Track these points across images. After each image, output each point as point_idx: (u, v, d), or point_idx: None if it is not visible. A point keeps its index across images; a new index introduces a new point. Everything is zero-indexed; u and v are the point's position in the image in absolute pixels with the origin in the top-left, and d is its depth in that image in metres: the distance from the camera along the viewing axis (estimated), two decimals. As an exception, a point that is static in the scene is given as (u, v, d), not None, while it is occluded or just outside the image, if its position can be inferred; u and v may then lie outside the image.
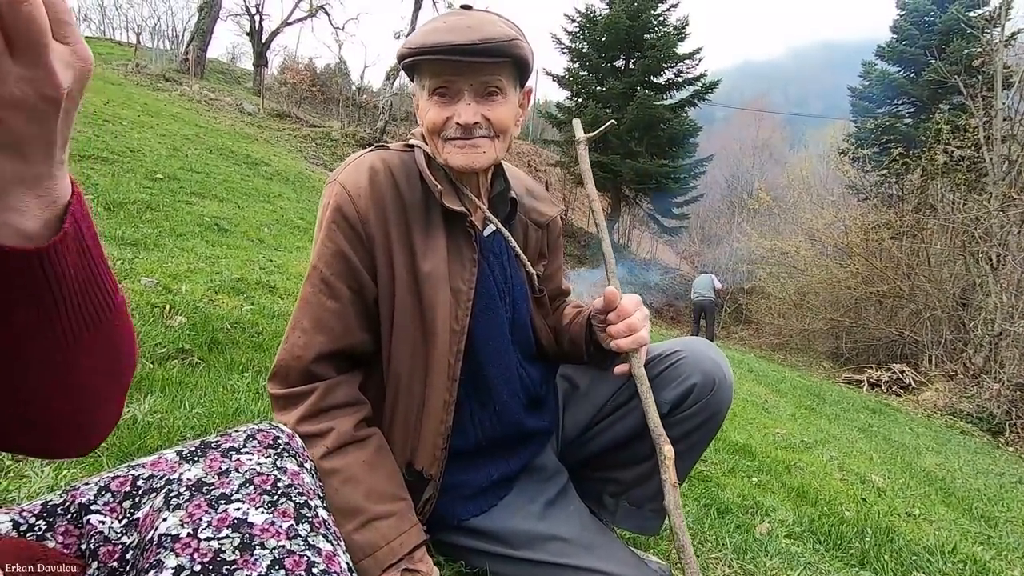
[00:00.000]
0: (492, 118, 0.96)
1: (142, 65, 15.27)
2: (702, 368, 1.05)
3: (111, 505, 0.63)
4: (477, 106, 0.95)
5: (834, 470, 2.93)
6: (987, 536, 2.47)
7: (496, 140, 0.98)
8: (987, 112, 10.53)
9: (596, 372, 1.17)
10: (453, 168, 0.98)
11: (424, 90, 0.97)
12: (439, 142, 0.98)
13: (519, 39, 0.94)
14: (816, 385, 7.89)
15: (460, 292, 1.00)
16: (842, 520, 2.06)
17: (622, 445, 1.13)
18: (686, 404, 1.05)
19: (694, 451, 1.13)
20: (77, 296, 0.42)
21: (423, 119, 0.99)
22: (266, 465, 0.72)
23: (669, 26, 18.73)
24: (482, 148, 0.96)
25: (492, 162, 1.00)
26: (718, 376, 1.05)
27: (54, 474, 1.06)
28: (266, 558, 0.56)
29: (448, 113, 0.95)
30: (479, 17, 0.94)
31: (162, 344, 1.94)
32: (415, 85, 1.01)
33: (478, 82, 0.94)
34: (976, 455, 5.39)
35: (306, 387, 0.94)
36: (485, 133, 0.96)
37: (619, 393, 1.13)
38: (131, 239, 3.24)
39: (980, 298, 9.92)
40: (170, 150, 7.22)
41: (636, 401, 1.08)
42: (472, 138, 0.95)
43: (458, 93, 0.94)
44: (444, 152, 0.97)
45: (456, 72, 0.93)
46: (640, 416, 1.05)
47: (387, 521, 0.89)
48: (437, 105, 0.95)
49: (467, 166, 0.97)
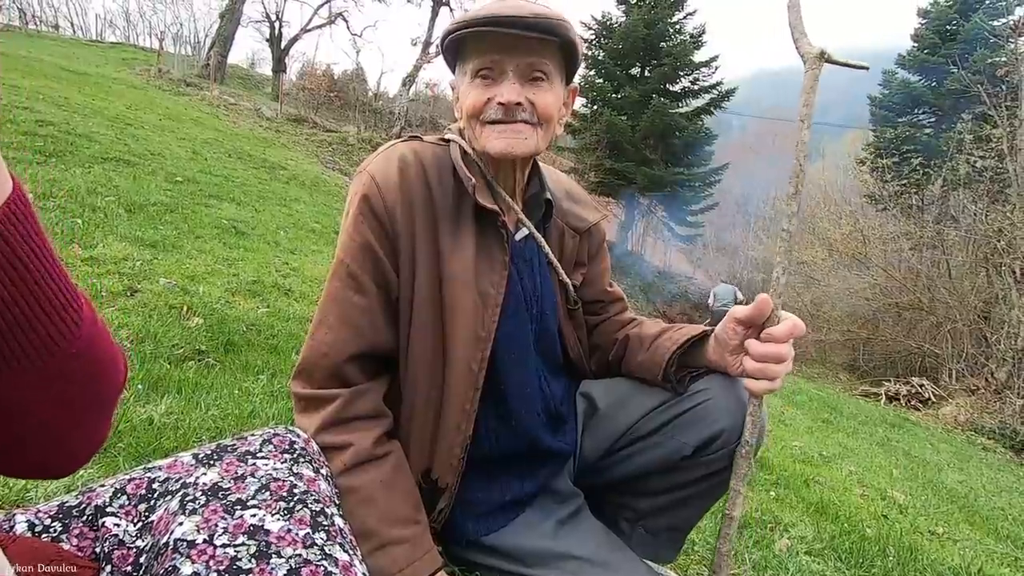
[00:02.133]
0: (536, 102, 0.92)
1: (164, 70, 15.56)
2: (731, 411, 0.98)
3: (126, 508, 0.62)
4: (522, 88, 0.91)
5: (854, 485, 2.86)
6: (1015, 557, 2.39)
7: (538, 128, 0.94)
8: (1011, 122, 10.34)
9: (619, 397, 1.10)
10: (490, 154, 0.94)
11: (467, 75, 0.94)
12: (477, 126, 0.94)
13: (567, 23, 0.92)
14: (833, 398, 7.75)
15: (488, 296, 0.95)
16: (863, 537, 2.00)
17: (642, 477, 1.07)
18: (712, 448, 0.98)
19: (713, 492, 1.06)
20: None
21: (463, 102, 0.95)
22: (282, 471, 0.71)
23: (685, 34, 18.70)
24: (523, 134, 0.92)
25: (532, 151, 0.95)
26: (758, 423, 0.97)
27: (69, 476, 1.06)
28: (282, 567, 0.55)
29: (490, 94, 0.91)
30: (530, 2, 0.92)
31: (179, 345, 1.95)
32: (456, 75, 0.98)
33: (524, 63, 0.91)
34: (999, 472, 5.25)
35: (331, 391, 0.90)
36: (527, 117, 0.92)
37: (640, 424, 1.05)
38: (151, 240, 3.27)
39: (1003, 311, 9.70)
40: (190, 153, 7.33)
41: (656, 437, 1.03)
42: (513, 121, 0.92)
43: (502, 74, 0.91)
44: (482, 137, 0.93)
45: (502, 50, 0.90)
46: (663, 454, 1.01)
47: (401, 547, 0.86)
48: (479, 87, 0.92)
49: (506, 151, 0.92)
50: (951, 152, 11.67)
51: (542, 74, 0.92)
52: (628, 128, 17.70)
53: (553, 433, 1.08)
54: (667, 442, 1.02)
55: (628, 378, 1.11)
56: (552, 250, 1.06)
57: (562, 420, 1.10)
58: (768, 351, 0.89)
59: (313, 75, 21.03)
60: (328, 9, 21.74)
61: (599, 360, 1.17)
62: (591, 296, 1.16)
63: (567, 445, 1.10)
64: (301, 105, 17.25)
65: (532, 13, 0.87)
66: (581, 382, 1.17)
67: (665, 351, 1.01)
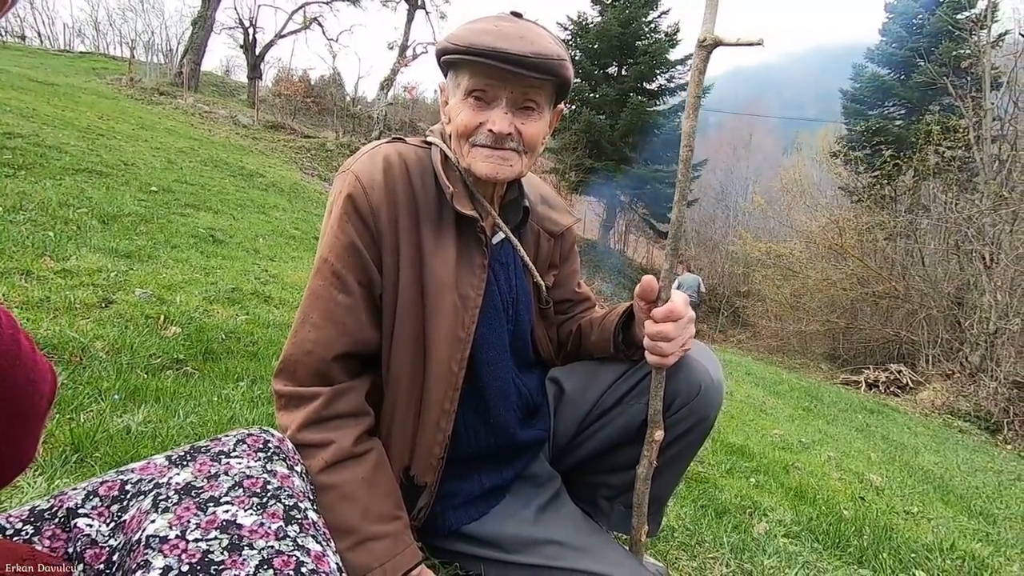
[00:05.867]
0: (525, 132, 0.94)
1: (136, 79, 15.30)
2: (685, 373, 1.02)
3: (99, 509, 0.63)
4: (512, 117, 0.93)
5: (832, 470, 2.93)
6: (986, 533, 2.46)
7: (524, 155, 0.96)
8: (976, 113, 10.63)
9: (582, 377, 1.15)
10: (475, 175, 0.96)
11: (459, 89, 0.94)
12: (465, 145, 0.95)
13: (566, 60, 0.93)
14: (814, 387, 7.89)
15: (468, 299, 0.97)
16: (840, 519, 2.06)
17: (609, 450, 1.11)
18: (671, 410, 1.03)
19: (682, 458, 1.11)
20: None
21: (453, 119, 0.96)
22: (256, 468, 0.72)
23: (661, 33, 18.90)
24: (510, 161, 0.95)
25: (516, 176, 0.98)
26: (704, 380, 1.03)
27: (47, 484, 1.06)
28: (254, 558, 0.56)
29: (482, 118, 0.93)
30: (530, 28, 0.92)
31: (156, 355, 1.93)
32: (447, 81, 0.99)
33: (518, 92, 0.92)
34: (974, 453, 5.39)
35: (313, 389, 0.91)
36: (515, 146, 0.94)
37: (603, 399, 1.10)
38: (125, 251, 3.23)
39: (975, 297, 9.96)
40: (164, 163, 7.22)
41: (619, 408, 1.08)
42: (502, 148, 0.94)
43: (495, 99, 0.92)
44: (469, 156, 0.95)
45: (500, 79, 0.90)
46: (624, 423, 1.06)
47: (382, 543, 0.87)
48: (471, 108, 0.93)
49: (491, 176, 0.94)
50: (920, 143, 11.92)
51: (534, 104, 0.94)
52: (607, 127, 17.84)
53: (529, 425, 1.11)
54: (629, 410, 1.06)
55: (588, 359, 1.16)
56: (528, 253, 1.09)
57: (536, 411, 1.14)
58: (651, 330, 0.95)
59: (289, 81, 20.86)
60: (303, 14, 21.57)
61: (563, 352, 1.22)
62: (561, 296, 1.20)
63: (542, 432, 1.13)
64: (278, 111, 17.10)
65: (534, 52, 0.87)
66: (549, 370, 1.21)
67: (610, 325, 1.08)
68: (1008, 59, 11.30)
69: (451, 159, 0.99)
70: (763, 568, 1.43)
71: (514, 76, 0.89)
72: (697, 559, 1.41)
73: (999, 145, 10.40)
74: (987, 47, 11.14)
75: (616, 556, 1.02)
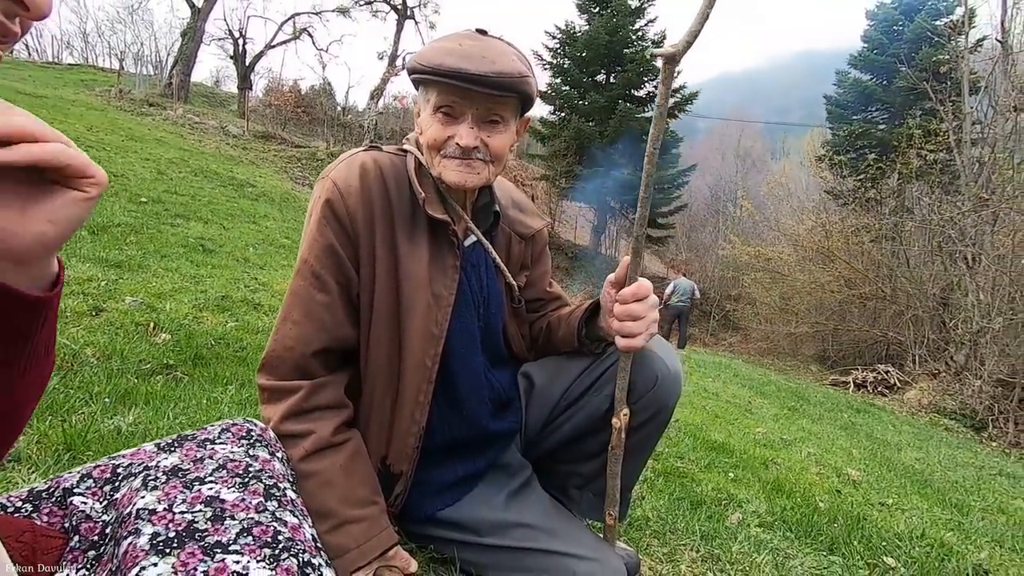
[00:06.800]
0: (491, 144, 1.00)
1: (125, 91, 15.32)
2: (644, 365, 1.07)
3: (93, 489, 0.68)
4: (478, 131, 0.99)
5: (811, 465, 3.00)
6: (957, 523, 2.54)
7: (491, 164, 1.03)
8: (956, 116, 10.84)
9: (550, 370, 1.21)
10: (446, 183, 1.03)
11: (429, 104, 1.00)
12: (436, 156, 1.01)
13: (528, 76, 0.99)
14: (801, 387, 7.99)
15: (440, 297, 1.03)
16: (815, 510, 2.12)
17: (577, 439, 1.17)
18: (630, 400, 1.07)
19: (644, 447, 1.16)
20: (48, 339, 0.50)
21: (424, 132, 1.02)
22: (239, 453, 0.78)
23: (648, 40, 19.15)
24: (477, 170, 1.01)
25: (484, 183, 1.04)
26: (661, 371, 1.08)
27: (42, 479, 1.11)
28: (235, 527, 0.62)
29: (450, 132, 0.99)
30: (494, 47, 0.97)
31: (146, 360, 1.98)
32: (419, 95, 1.05)
33: (483, 108, 0.98)
34: (957, 450, 5.48)
35: (294, 383, 0.97)
36: (482, 156, 1.01)
37: (570, 391, 1.16)
38: (115, 261, 3.27)
39: (959, 297, 10.12)
40: (154, 174, 7.26)
41: (585, 399, 1.14)
42: (470, 159, 1.00)
43: (462, 115, 0.98)
44: (439, 166, 1.01)
45: (464, 97, 0.96)
46: (589, 412, 1.12)
47: (359, 525, 0.93)
48: (440, 123, 0.99)
49: (460, 184, 1.01)
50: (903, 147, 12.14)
51: (499, 117, 1.00)
52: (596, 133, 18.02)
53: (500, 418, 1.17)
54: (593, 400, 1.12)
55: (556, 354, 1.22)
56: (500, 254, 1.16)
57: (508, 404, 1.20)
58: (619, 310, 0.98)
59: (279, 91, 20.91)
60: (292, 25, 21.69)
61: (535, 348, 1.28)
62: (533, 295, 1.27)
63: (513, 423, 1.19)
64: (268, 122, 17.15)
65: (496, 72, 0.93)
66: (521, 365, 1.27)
67: (575, 320, 1.14)
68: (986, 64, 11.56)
69: (424, 166, 1.06)
70: (732, 553, 1.50)
71: (477, 94, 0.96)
72: (668, 545, 1.48)
73: (979, 148, 10.61)
74: (965, 52, 11.40)
75: (584, 537, 1.08)
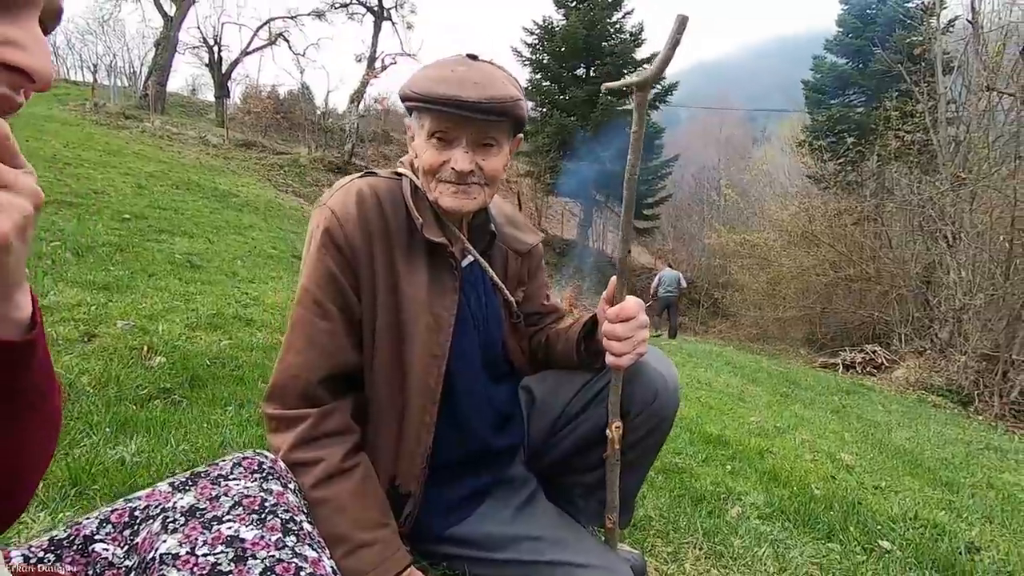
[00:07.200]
0: (485, 168, 1.02)
1: (100, 104, 15.08)
2: (642, 380, 1.10)
3: (112, 535, 0.70)
4: (473, 155, 1.01)
5: (805, 452, 3.06)
6: (948, 501, 2.61)
7: (486, 187, 1.05)
8: (931, 97, 11.02)
9: (551, 384, 1.23)
10: (442, 208, 1.05)
11: (423, 130, 1.02)
12: (432, 181, 1.03)
13: (520, 99, 1.01)
14: (792, 372, 8.10)
15: (441, 319, 1.05)
16: (811, 498, 2.17)
17: (579, 452, 1.19)
18: (630, 416, 1.10)
19: (645, 458, 1.19)
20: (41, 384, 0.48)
21: (419, 156, 1.04)
22: (253, 488, 0.79)
23: (625, 33, 19.24)
24: (473, 194, 1.03)
25: (480, 207, 1.06)
26: (659, 385, 1.10)
27: (50, 518, 1.11)
28: (258, 567, 0.63)
29: (444, 157, 1.01)
30: (485, 72, 0.99)
31: (143, 385, 1.97)
32: (412, 120, 1.07)
33: (477, 133, 1.00)
34: (946, 426, 5.60)
35: (301, 411, 0.98)
36: (477, 180, 1.02)
37: (571, 405, 1.18)
38: (102, 283, 3.24)
39: (941, 275, 10.30)
40: (135, 188, 7.17)
41: (586, 413, 1.16)
42: (465, 184, 1.02)
43: (456, 139, 1.00)
44: (436, 191, 1.03)
45: (458, 123, 0.98)
46: (590, 426, 1.14)
47: (372, 549, 0.95)
48: (434, 148, 1.01)
49: (457, 209, 1.03)
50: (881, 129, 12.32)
51: (493, 140, 1.02)
52: (578, 127, 18.07)
53: (503, 433, 1.19)
54: (594, 415, 1.15)
55: (556, 369, 1.25)
56: (497, 272, 1.18)
57: (510, 419, 1.22)
58: (605, 330, 1.02)
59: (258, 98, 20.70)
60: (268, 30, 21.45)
61: (534, 362, 1.30)
62: (530, 309, 1.29)
63: (516, 438, 1.22)
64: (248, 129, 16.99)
65: (488, 97, 0.95)
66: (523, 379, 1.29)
67: (574, 336, 1.17)
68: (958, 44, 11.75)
69: (420, 190, 1.07)
70: (734, 548, 1.54)
71: (471, 121, 0.98)
72: (672, 544, 1.51)
73: (955, 127, 10.80)
74: (938, 33, 11.56)
75: (591, 546, 1.11)
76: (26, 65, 0.41)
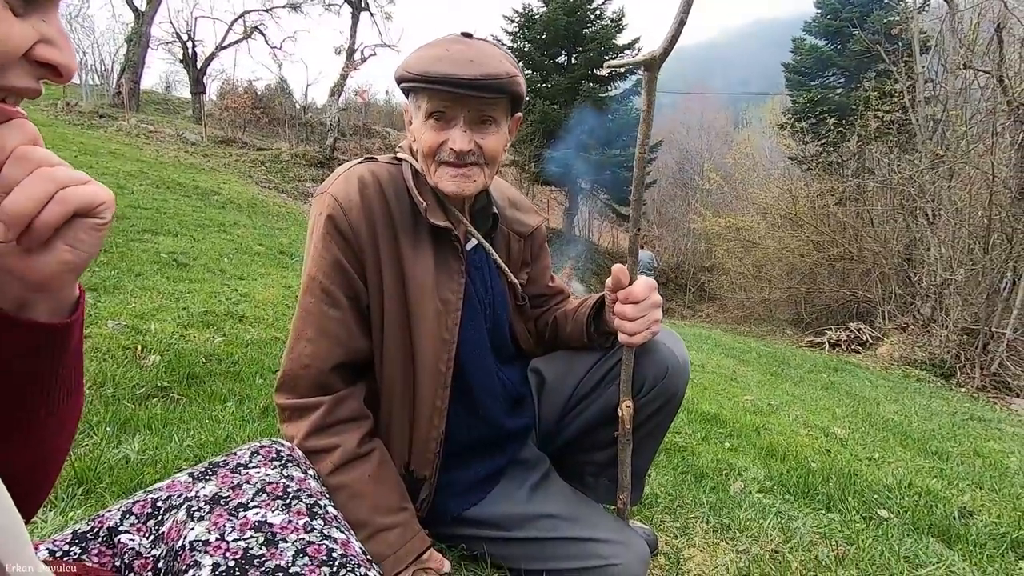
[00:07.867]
0: (484, 146, 1.01)
1: (72, 103, 14.69)
2: (653, 357, 1.11)
3: (136, 525, 0.69)
4: (471, 133, 0.99)
5: (800, 427, 3.12)
6: (940, 469, 2.68)
7: (486, 167, 1.04)
8: (909, 76, 11.14)
9: (561, 366, 1.24)
10: (443, 193, 1.03)
11: (420, 111, 1.01)
12: (432, 164, 1.02)
13: (517, 76, 0.99)
14: (781, 352, 8.22)
15: (449, 303, 1.04)
16: (809, 471, 2.22)
17: (591, 431, 1.20)
18: (642, 392, 1.11)
19: (657, 433, 1.21)
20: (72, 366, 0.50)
21: (418, 139, 1.03)
22: (274, 475, 0.79)
23: (606, 19, 19.14)
24: (473, 176, 1.02)
25: (481, 189, 1.05)
26: (671, 363, 1.11)
27: (60, 518, 1.10)
28: (290, 549, 0.63)
29: (443, 137, 1.00)
30: (481, 49, 0.98)
31: (139, 384, 1.95)
32: (409, 102, 1.05)
33: (475, 111, 0.99)
34: (931, 399, 5.74)
35: (314, 399, 0.98)
36: (476, 160, 1.01)
37: (581, 386, 1.19)
38: (89, 284, 3.18)
39: (922, 252, 10.48)
40: (114, 188, 6.99)
41: (597, 392, 1.17)
42: (465, 165, 1.00)
43: (454, 119, 0.99)
44: (436, 175, 1.02)
45: (455, 101, 0.97)
46: (601, 405, 1.15)
47: (393, 532, 0.95)
48: (432, 129, 1.00)
49: (458, 193, 1.02)
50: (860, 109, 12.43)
51: (491, 118, 1.01)
52: (561, 115, 18.01)
53: (515, 415, 1.20)
54: (604, 394, 1.16)
55: (565, 349, 1.25)
56: (500, 254, 1.17)
57: (521, 401, 1.22)
58: (617, 310, 1.03)
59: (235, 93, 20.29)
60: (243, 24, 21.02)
61: (542, 343, 1.30)
62: (535, 291, 1.29)
63: (528, 419, 1.22)
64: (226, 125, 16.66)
65: (484, 74, 0.94)
66: (530, 361, 1.30)
67: (583, 316, 1.17)
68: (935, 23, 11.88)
69: (421, 174, 1.06)
70: (740, 521, 1.56)
71: (469, 98, 0.97)
72: (680, 520, 1.54)
73: (933, 106, 10.95)
74: (914, 13, 11.69)
75: (605, 522, 1.12)
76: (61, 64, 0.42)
